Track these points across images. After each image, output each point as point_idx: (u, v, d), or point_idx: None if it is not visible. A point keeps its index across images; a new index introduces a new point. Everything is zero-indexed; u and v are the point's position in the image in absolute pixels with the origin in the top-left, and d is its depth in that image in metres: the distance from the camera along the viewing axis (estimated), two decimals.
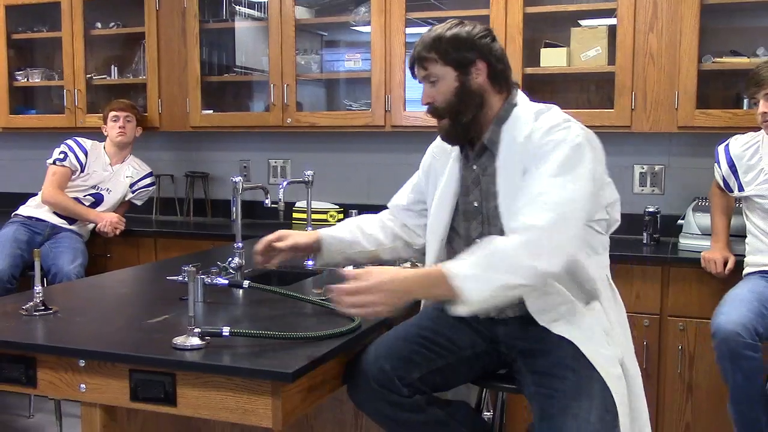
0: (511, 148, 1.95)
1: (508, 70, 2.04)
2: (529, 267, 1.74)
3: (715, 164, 3.01)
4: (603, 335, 1.93)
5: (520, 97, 2.05)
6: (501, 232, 1.94)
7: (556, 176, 1.82)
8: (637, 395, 1.97)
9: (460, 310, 1.76)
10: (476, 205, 2.06)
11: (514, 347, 2.02)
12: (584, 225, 1.86)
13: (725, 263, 2.90)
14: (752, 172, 2.87)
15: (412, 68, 2.06)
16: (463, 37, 1.98)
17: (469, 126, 2.02)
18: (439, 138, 2.20)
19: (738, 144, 2.95)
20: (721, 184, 2.99)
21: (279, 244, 2.23)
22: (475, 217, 2.06)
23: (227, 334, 1.76)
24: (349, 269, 1.86)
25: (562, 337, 1.89)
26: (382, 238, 2.27)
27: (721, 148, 2.99)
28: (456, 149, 2.11)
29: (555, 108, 2.00)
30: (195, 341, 1.75)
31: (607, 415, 1.79)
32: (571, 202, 1.80)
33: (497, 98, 2.02)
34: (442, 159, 2.16)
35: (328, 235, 2.25)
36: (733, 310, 2.55)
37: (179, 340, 1.76)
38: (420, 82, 2.06)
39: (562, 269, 1.80)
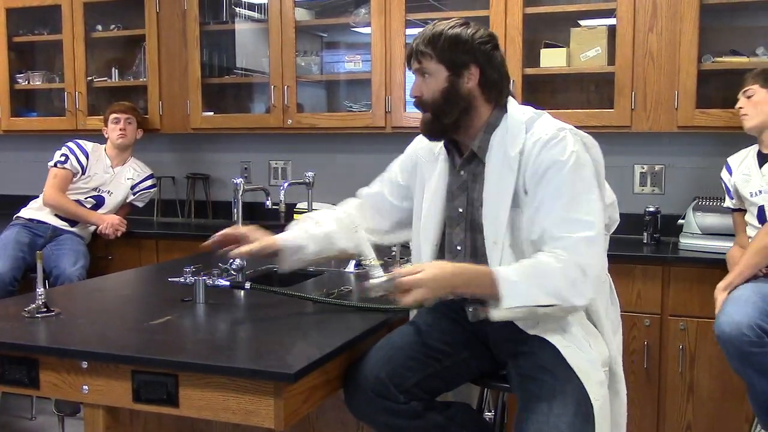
0: (503, 159, 1.94)
1: (504, 80, 2.02)
2: (566, 299, 1.78)
3: (723, 184, 3.03)
4: (585, 338, 1.91)
5: (512, 104, 2.03)
6: (482, 239, 1.96)
7: (570, 210, 1.82)
8: (622, 401, 1.97)
9: (493, 314, 1.80)
10: (461, 211, 2.05)
11: (503, 349, 2.02)
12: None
13: None
14: (742, 170, 2.93)
15: (408, 59, 2.06)
16: (462, 38, 1.97)
17: (449, 126, 2.01)
18: (422, 141, 2.19)
19: (733, 156, 3.02)
20: (726, 194, 3.00)
21: (237, 251, 2.16)
22: (458, 223, 2.06)
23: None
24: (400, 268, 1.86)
25: (545, 339, 1.89)
26: (338, 238, 2.25)
27: (724, 166, 3.04)
28: (444, 155, 2.10)
29: (545, 115, 1.99)
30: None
31: (578, 420, 1.78)
32: (597, 237, 1.83)
33: (487, 106, 2.00)
34: (429, 163, 2.14)
35: (283, 243, 2.21)
36: (736, 311, 2.54)
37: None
38: (413, 74, 2.06)
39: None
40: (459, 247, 2.06)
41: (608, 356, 1.94)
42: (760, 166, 2.88)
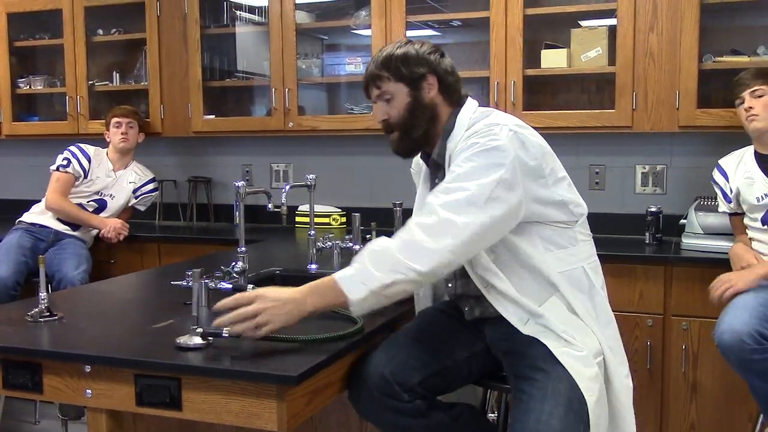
0: (449, 160, 1.97)
1: (459, 83, 2.08)
2: (405, 266, 1.75)
3: (717, 189, 3.00)
4: (572, 334, 1.90)
5: (466, 106, 2.05)
6: None
7: (452, 182, 1.83)
8: (618, 390, 1.95)
9: (353, 310, 1.80)
10: None
11: (499, 348, 2.03)
12: (489, 229, 1.81)
13: None
14: (743, 174, 2.89)
15: (366, 89, 2.10)
16: (412, 54, 2.04)
17: (419, 140, 2.07)
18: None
19: (725, 159, 3.00)
20: (722, 197, 2.98)
21: None
22: None
23: (227, 335, 1.78)
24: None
25: (536, 338, 1.90)
26: None
27: (716, 169, 3.02)
28: (425, 165, 2.16)
29: (495, 113, 1.99)
30: (197, 341, 1.78)
31: (570, 415, 1.79)
32: (462, 206, 1.78)
33: (448, 111, 2.05)
34: (417, 176, 2.24)
35: None
36: (736, 318, 2.51)
37: (182, 340, 1.78)
38: (373, 102, 2.11)
39: (438, 271, 1.79)
40: None
41: (599, 348, 1.93)
42: (762, 168, 2.85)
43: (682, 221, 3.30)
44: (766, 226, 2.81)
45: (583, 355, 1.88)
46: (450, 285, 2.15)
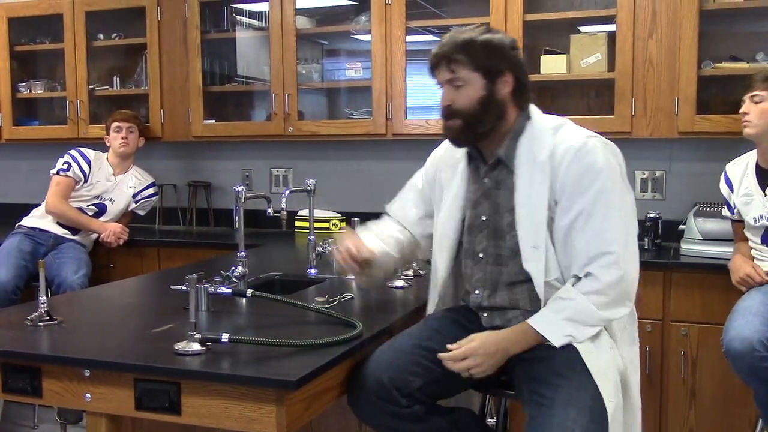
0: (532, 165, 1.95)
1: (529, 85, 2.02)
2: (600, 318, 1.91)
3: (723, 194, 2.98)
4: (608, 340, 1.94)
5: (534, 109, 2.03)
6: (508, 247, 1.97)
7: (607, 218, 1.91)
8: (636, 408, 1.99)
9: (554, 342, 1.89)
10: (484, 218, 2.05)
11: (515, 354, 2.02)
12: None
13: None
14: (742, 189, 2.86)
15: (433, 68, 1.99)
16: (495, 44, 1.95)
17: (482, 135, 1.99)
18: (441, 149, 2.19)
19: (732, 165, 2.95)
20: (726, 207, 2.97)
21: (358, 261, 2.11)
22: (481, 231, 2.06)
23: (226, 340, 1.79)
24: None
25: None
26: (396, 251, 2.24)
27: (723, 177, 2.98)
28: (464, 162, 2.09)
29: (570, 122, 2.01)
30: (196, 347, 1.78)
31: (592, 425, 1.78)
32: (631, 251, 1.95)
33: (514, 112, 2.00)
34: (447, 172, 2.14)
35: (379, 250, 2.16)
36: (746, 325, 2.47)
37: (180, 346, 1.79)
38: (438, 84, 2.01)
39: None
40: (481, 255, 2.06)
41: (623, 366, 1.96)
42: (761, 185, 2.80)
43: (681, 227, 3.30)
44: (765, 246, 2.79)
45: (609, 361, 1.90)
46: (477, 292, 2.09)
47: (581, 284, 1.90)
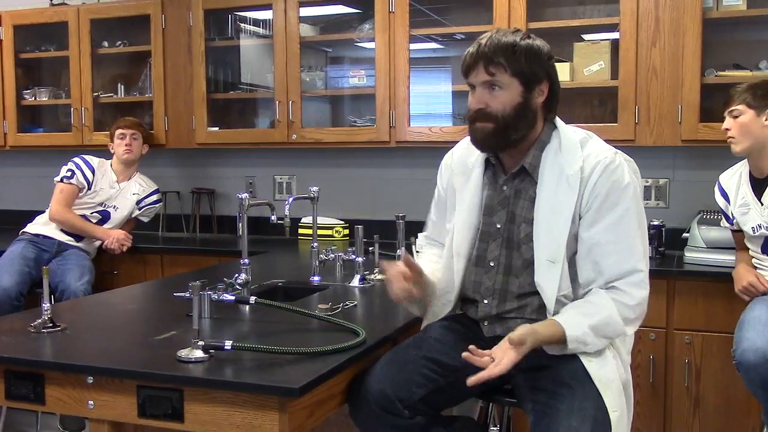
0: (559, 177, 1.92)
1: (560, 95, 2.01)
2: (621, 332, 1.91)
3: (720, 206, 2.97)
4: (611, 350, 1.93)
5: (559, 121, 2.02)
6: (521, 258, 1.96)
7: (633, 236, 1.91)
8: (630, 412, 1.98)
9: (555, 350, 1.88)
10: (498, 227, 2.02)
11: (518, 363, 2.01)
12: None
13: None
14: (738, 200, 2.85)
15: (469, 68, 1.93)
16: (536, 51, 1.93)
17: (512, 142, 1.95)
18: (451, 156, 2.17)
19: (726, 176, 2.95)
20: (724, 218, 2.96)
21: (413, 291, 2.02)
22: (494, 239, 2.03)
23: (229, 347, 1.79)
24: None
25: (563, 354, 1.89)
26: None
27: (717, 188, 2.97)
28: (480, 168, 2.06)
29: (595, 136, 2.02)
30: (199, 354, 1.78)
31: None
32: (643, 283, 1.92)
33: (542, 121, 1.99)
34: (461, 178, 2.10)
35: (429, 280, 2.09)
36: (758, 336, 2.44)
37: (183, 353, 1.79)
38: (471, 85, 1.96)
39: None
40: (492, 263, 2.03)
41: (626, 376, 1.95)
42: (756, 193, 2.79)
43: (685, 235, 3.30)
44: (765, 255, 2.78)
45: (612, 370, 1.89)
46: (486, 302, 2.05)
47: (612, 295, 1.89)
